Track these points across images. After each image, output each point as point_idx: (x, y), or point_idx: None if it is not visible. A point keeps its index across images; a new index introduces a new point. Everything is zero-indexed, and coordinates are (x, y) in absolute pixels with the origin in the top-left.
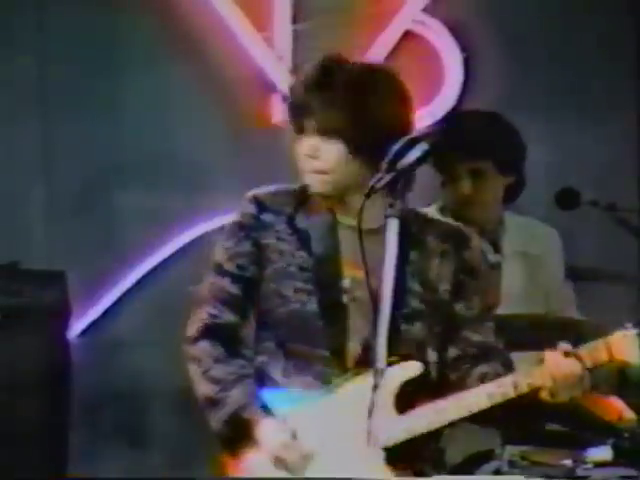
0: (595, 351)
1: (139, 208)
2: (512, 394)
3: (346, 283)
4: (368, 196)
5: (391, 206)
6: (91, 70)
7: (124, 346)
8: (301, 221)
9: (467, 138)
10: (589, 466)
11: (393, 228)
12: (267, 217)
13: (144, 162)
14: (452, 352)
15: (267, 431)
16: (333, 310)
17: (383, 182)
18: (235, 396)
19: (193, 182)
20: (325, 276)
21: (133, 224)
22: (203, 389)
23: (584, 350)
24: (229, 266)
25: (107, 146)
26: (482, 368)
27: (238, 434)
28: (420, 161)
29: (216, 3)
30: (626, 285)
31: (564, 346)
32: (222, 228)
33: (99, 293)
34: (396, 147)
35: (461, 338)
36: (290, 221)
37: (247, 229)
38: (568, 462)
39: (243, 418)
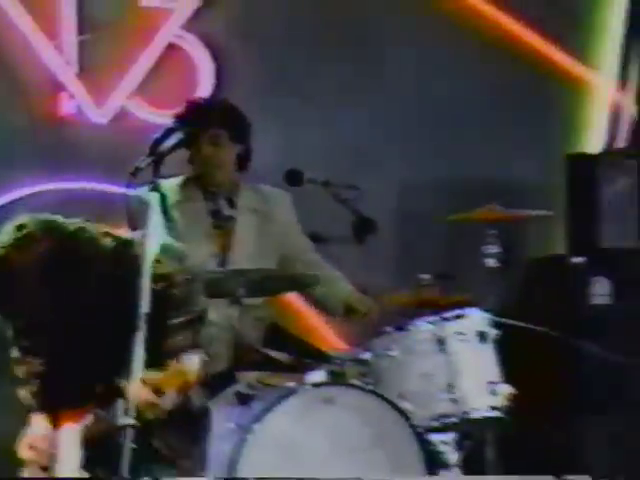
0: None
1: None
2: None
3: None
4: (134, 175)
5: (152, 183)
6: None
7: None
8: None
9: (207, 114)
10: (308, 387)
11: (154, 201)
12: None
13: None
14: None
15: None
16: None
17: (145, 163)
18: None
19: None
20: None
21: None
22: None
23: (153, 377)
24: None
25: None
26: None
27: None
28: (176, 147)
29: (13, 17)
30: (342, 244)
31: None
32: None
33: None
34: (157, 135)
35: None
36: None
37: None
38: (292, 384)
39: None
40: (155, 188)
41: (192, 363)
